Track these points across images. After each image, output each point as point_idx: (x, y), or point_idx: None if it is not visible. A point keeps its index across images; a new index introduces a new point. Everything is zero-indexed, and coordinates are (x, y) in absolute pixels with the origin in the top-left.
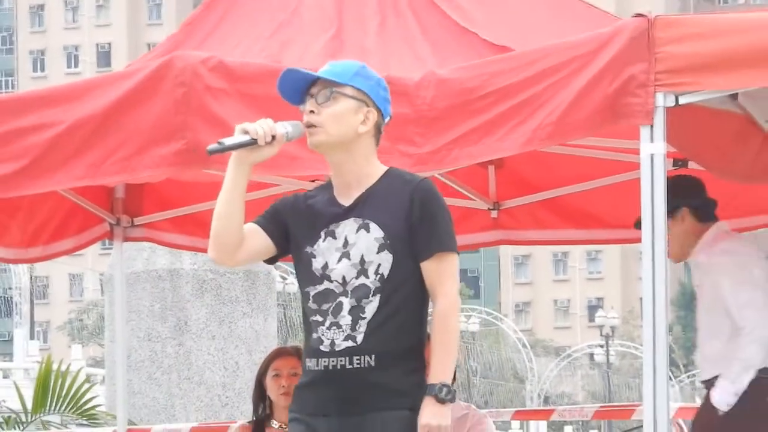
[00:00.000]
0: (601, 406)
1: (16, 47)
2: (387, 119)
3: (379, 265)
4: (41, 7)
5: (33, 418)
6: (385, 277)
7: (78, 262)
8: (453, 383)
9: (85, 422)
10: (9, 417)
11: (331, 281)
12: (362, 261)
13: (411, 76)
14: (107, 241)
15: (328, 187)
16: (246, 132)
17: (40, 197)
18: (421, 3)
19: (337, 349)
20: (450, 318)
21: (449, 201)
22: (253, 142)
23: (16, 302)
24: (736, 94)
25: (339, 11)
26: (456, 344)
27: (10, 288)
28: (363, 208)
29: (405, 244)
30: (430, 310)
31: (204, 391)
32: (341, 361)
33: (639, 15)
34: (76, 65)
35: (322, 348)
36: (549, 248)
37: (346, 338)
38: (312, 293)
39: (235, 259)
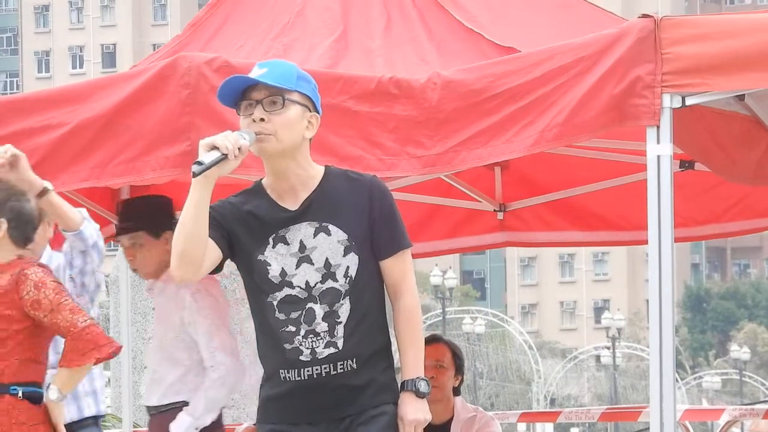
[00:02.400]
0: (608, 408)
1: (20, 48)
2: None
3: (348, 267)
4: (46, 7)
5: None
6: (354, 279)
7: None
8: (460, 384)
9: None
10: None
11: (293, 287)
12: (327, 264)
13: (417, 78)
14: (112, 243)
15: (258, 191)
16: (215, 148)
17: None
18: (427, 4)
19: (319, 357)
20: (417, 313)
21: (456, 202)
22: (224, 157)
23: None
24: (743, 95)
25: (344, 13)
26: (423, 338)
27: None
28: (315, 210)
29: (368, 245)
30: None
31: None
32: (325, 368)
33: (645, 16)
34: (80, 66)
35: (302, 358)
36: (555, 250)
37: (327, 345)
38: (275, 302)
39: (198, 275)
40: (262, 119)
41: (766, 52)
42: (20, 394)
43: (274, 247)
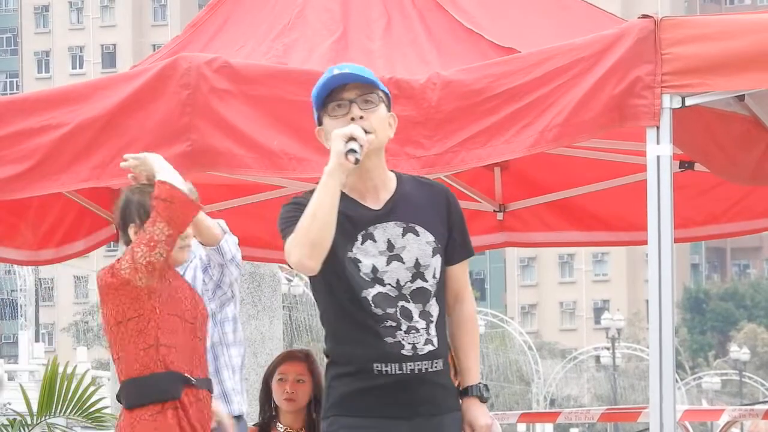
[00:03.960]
0: (607, 409)
1: (20, 48)
2: None
3: (435, 268)
4: (46, 8)
5: (38, 421)
6: (438, 280)
7: (83, 264)
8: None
9: (90, 425)
10: (14, 419)
11: (384, 284)
12: (417, 264)
13: (417, 78)
14: (112, 243)
15: None
16: (352, 139)
17: (50, 199)
18: (427, 5)
19: (420, 353)
20: (477, 319)
21: None
22: (360, 148)
23: (21, 304)
24: (743, 95)
25: (344, 13)
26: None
27: (15, 290)
28: (400, 211)
29: (444, 249)
30: None
31: None
32: (425, 365)
33: (645, 16)
34: (80, 66)
35: (404, 352)
36: (555, 250)
37: (426, 342)
38: (369, 297)
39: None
40: (361, 117)
41: (766, 52)
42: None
43: (362, 244)
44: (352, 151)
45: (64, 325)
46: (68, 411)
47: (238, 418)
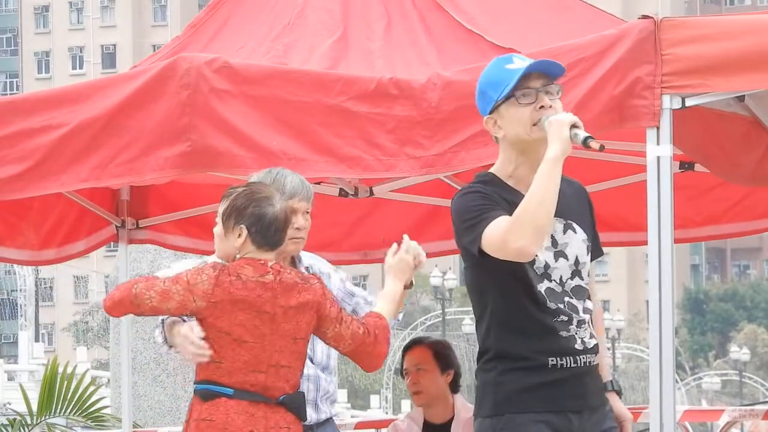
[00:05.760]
0: None
1: (20, 49)
2: None
3: (588, 267)
4: (46, 8)
5: (38, 421)
6: (588, 277)
7: (83, 264)
8: (454, 380)
9: (90, 425)
10: (14, 419)
11: (551, 280)
12: (576, 262)
13: (417, 78)
14: (112, 243)
15: (495, 182)
16: (576, 126)
17: (52, 199)
18: (427, 6)
19: (588, 347)
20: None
21: None
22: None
23: (21, 304)
24: (743, 96)
25: (344, 14)
26: None
27: (15, 290)
28: (560, 208)
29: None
30: None
31: None
32: (591, 358)
33: (645, 17)
34: (80, 67)
35: (576, 347)
36: None
37: (591, 336)
38: (543, 290)
39: None
40: (550, 106)
41: (766, 53)
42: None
43: None
44: (590, 137)
45: (64, 325)
46: (68, 411)
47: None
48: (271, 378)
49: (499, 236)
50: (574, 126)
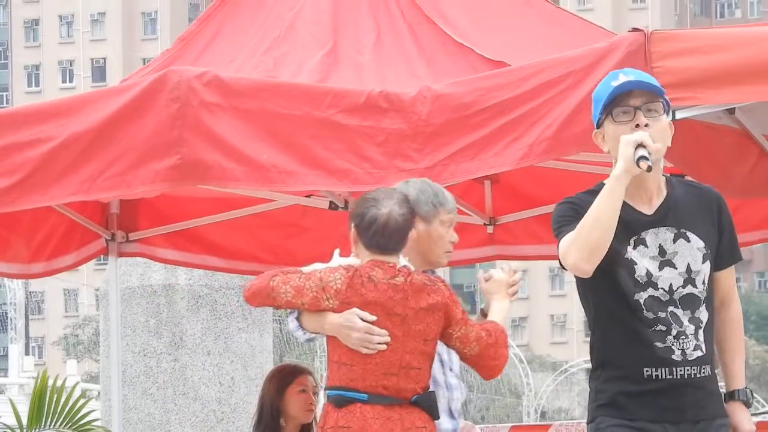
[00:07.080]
0: None
1: (10, 62)
2: None
3: (705, 275)
4: (36, 21)
5: None
6: (707, 286)
7: (73, 278)
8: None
9: None
10: None
11: (657, 289)
12: (689, 270)
13: (407, 91)
14: (102, 257)
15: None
16: (641, 146)
17: (41, 212)
18: (417, 19)
19: (689, 359)
20: (742, 324)
21: None
22: (649, 155)
23: (11, 317)
24: (733, 108)
25: (334, 27)
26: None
27: (4, 303)
28: (672, 217)
29: (715, 255)
30: None
31: (199, 407)
32: (694, 370)
33: (635, 29)
34: (70, 80)
35: (674, 357)
36: (546, 263)
37: (695, 348)
38: (642, 300)
39: None
40: (646, 125)
41: (756, 65)
42: None
43: (635, 248)
44: (644, 158)
45: (54, 338)
46: (58, 424)
47: None
48: (402, 380)
49: (561, 251)
50: (641, 145)
